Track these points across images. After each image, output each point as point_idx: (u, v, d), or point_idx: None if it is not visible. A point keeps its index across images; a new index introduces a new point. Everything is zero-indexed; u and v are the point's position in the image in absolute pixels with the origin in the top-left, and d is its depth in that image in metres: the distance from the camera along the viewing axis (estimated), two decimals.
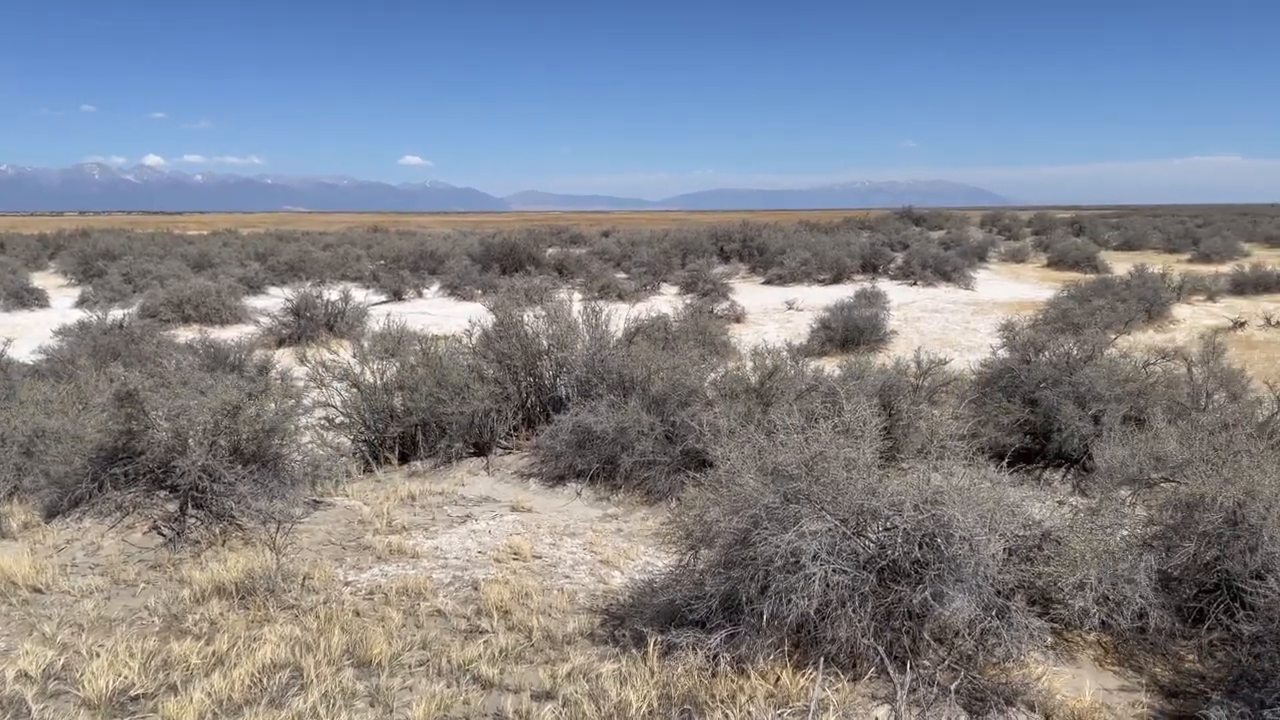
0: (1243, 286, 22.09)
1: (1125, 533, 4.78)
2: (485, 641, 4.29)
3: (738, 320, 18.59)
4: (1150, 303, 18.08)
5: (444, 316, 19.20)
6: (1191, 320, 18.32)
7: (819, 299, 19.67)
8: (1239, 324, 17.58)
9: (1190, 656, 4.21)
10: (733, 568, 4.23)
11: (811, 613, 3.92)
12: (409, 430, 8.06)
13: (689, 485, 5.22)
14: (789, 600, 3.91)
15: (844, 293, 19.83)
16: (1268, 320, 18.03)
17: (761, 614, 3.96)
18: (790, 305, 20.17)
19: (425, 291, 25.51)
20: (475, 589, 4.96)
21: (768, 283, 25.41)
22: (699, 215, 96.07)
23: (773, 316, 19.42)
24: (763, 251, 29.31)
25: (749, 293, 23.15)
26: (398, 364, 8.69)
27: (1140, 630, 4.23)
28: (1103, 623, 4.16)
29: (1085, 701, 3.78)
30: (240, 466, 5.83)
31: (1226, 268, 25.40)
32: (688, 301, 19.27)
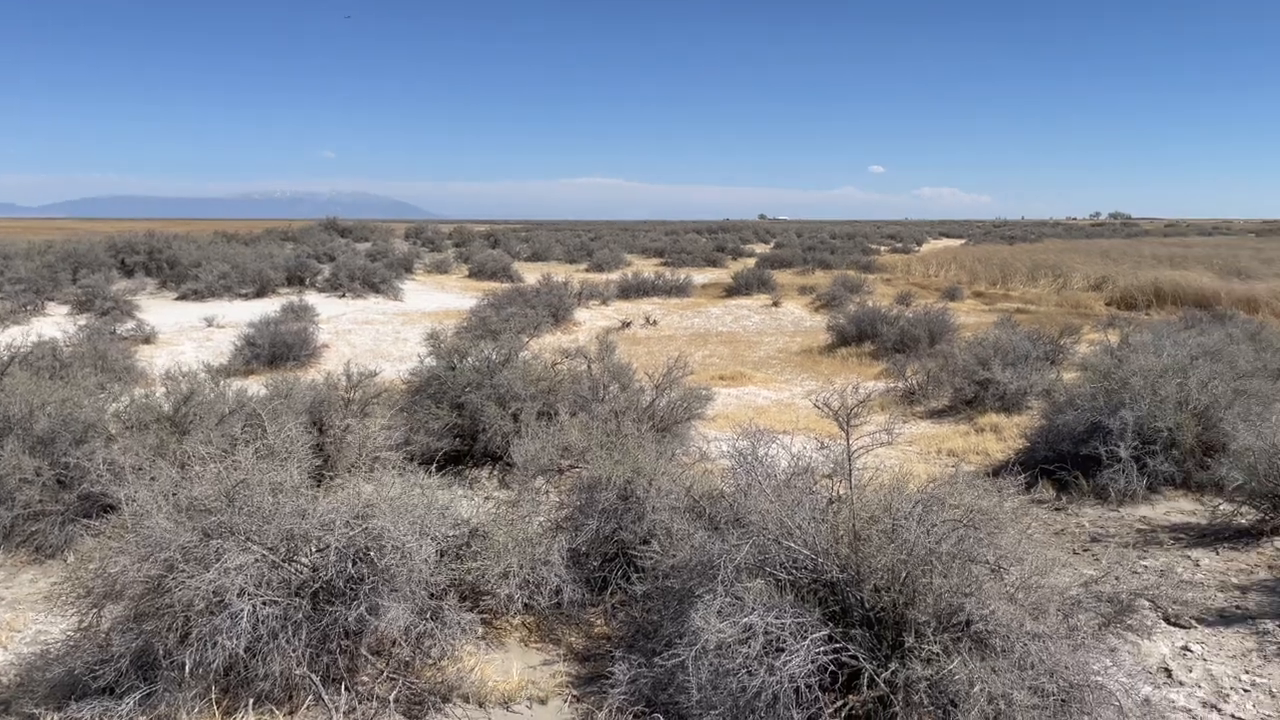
0: (628, 291, 25.78)
1: (541, 519, 5.26)
2: None
3: (147, 341, 16.71)
4: (556, 308, 20.22)
5: None
6: (590, 322, 20.88)
7: (242, 314, 18.53)
8: (626, 324, 20.50)
9: (599, 622, 4.77)
10: (146, 620, 3.77)
11: (241, 651, 3.66)
12: None
13: (87, 535, 4.54)
14: (215, 644, 3.60)
15: (270, 307, 18.95)
16: (647, 319, 21.29)
17: (183, 665, 3.59)
18: (210, 322, 18.70)
19: None
20: None
21: (182, 298, 23.25)
22: (94, 224, 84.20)
23: (190, 335, 17.83)
24: (174, 264, 26.72)
25: (160, 310, 20.96)
26: None
27: (557, 606, 4.68)
28: (526, 605, 4.53)
29: (514, 682, 4.08)
30: None
31: (615, 276, 29.43)
32: (82, 323, 16.82)
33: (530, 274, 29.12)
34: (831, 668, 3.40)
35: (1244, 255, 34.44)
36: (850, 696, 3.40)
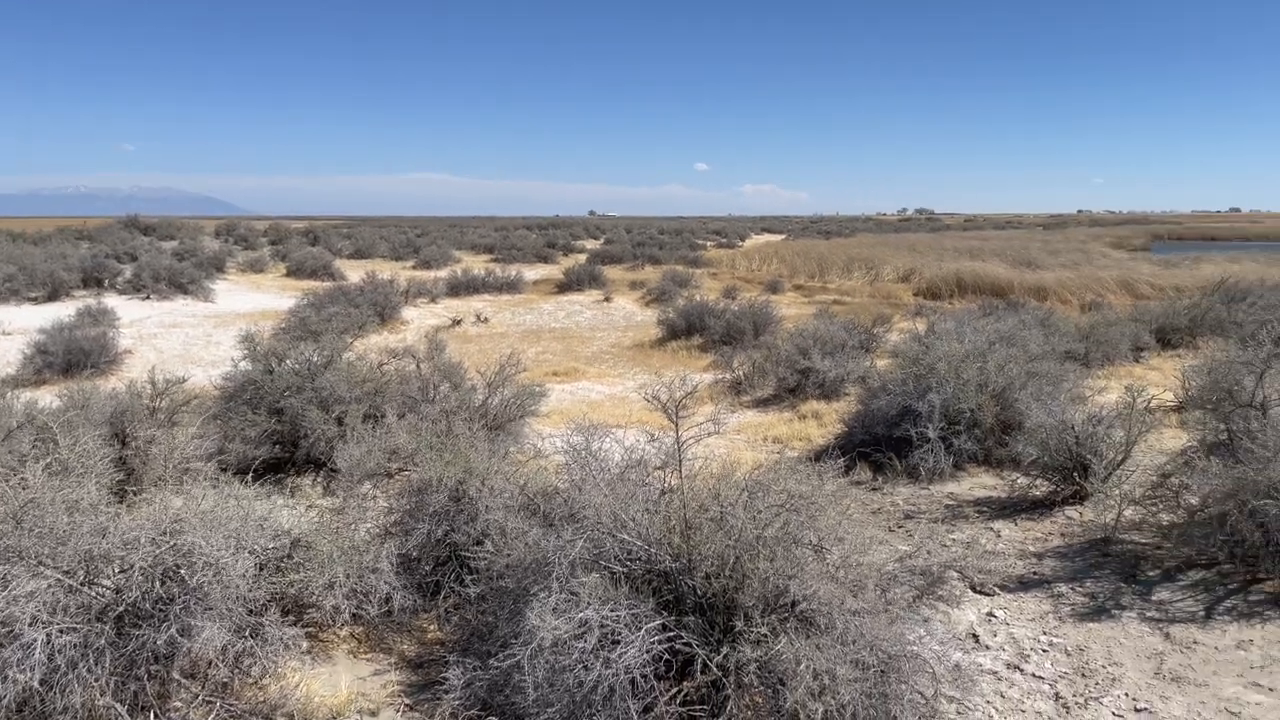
0: (457, 289, 25.32)
1: (369, 525, 5.09)
2: None
3: None
4: (382, 307, 19.61)
5: None
6: (419, 321, 20.39)
7: (32, 320, 17.02)
8: (456, 322, 20.14)
9: (432, 627, 4.66)
10: None
11: (36, 685, 3.36)
12: None
13: None
14: (5, 678, 3.29)
15: (64, 311, 17.49)
16: (478, 317, 20.99)
17: None
18: None
19: None
20: None
21: None
22: None
23: None
24: None
25: None
26: None
27: (388, 614, 4.53)
28: (354, 615, 4.36)
29: (342, 696, 3.92)
30: None
31: (444, 273, 28.85)
32: None
33: (354, 272, 28.11)
34: (666, 656, 3.45)
35: (1034, 248, 37.44)
36: (685, 683, 3.46)
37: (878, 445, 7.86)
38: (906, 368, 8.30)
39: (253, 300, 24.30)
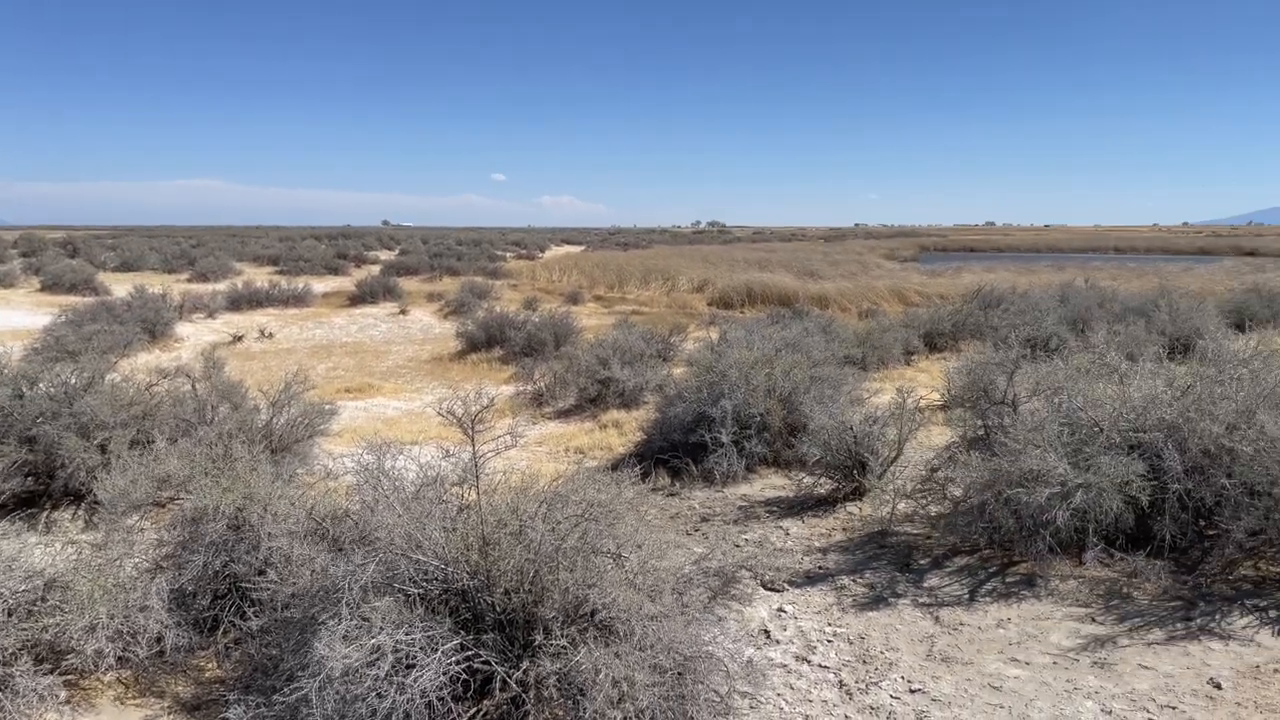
0: (239, 303, 23.87)
1: (137, 560, 4.69)
2: None
3: None
4: (153, 323, 18.20)
5: None
6: (195, 338, 19.07)
7: None
8: (238, 338, 18.98)
9: (211, 665, 4.34)
10: None
11: None
12: None
13: None
14: None
15: None
16: (262, 332, 19.88)
17: None
18: None
19: None
20: None
21: None
22: None
23: None
24: None
25: None
26: None
27: (160, 654, 4.19)
28: (120, 658, 4.00)
29: None
30: None
31: (223, 286, 27.12)
32: None
33: (120, 286, 25.92)
34: (464, 676, 3.37)
35: (816, 259, 39.69)
36: (484, 702, 3.39)
37: (675, 451, 8.06)
38: (701, 375, 8.56)
39: (2, 318, 21.94)
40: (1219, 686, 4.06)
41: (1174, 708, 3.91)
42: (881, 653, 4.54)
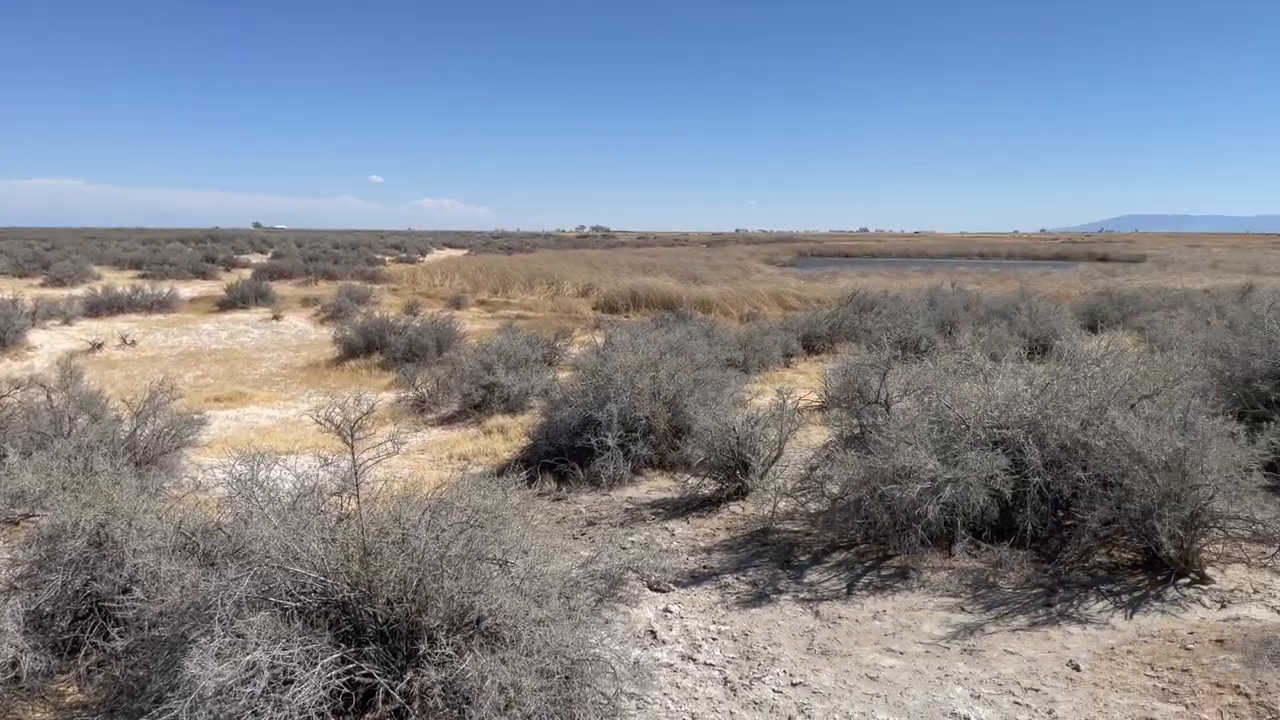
0: (98, 309, 22.62)
1: None
2: None
3: None
4: (2, 330, 17.07)
5: None
6: (50, 345, 17.98)
7: None
8: (97, 345, 17.99)
9: (72, 689, 4.10)
10: None
11: None
12: None
13: None
14: None
15: None
16: (124, 339, 18.89)
17: None
18: None
19: None
20: None
21: None
22: None
23: None
24: None
25: None
26: None
27: (15, 680, 3.94)
28: None
29: None
30: None
31: (80, 290, 25.65)
32: None
33: None
34: (345, 690, 3.29)
35: (699, 264, 40.29)
36: (367, 715, 3.32)
37: (562, 456, 8.05)
38: (587, 379, 8.58)
39: None
40: (1078, 668, 4.31)
41: (1037, 690, 4.13)
42: (764, 648, 4.65)
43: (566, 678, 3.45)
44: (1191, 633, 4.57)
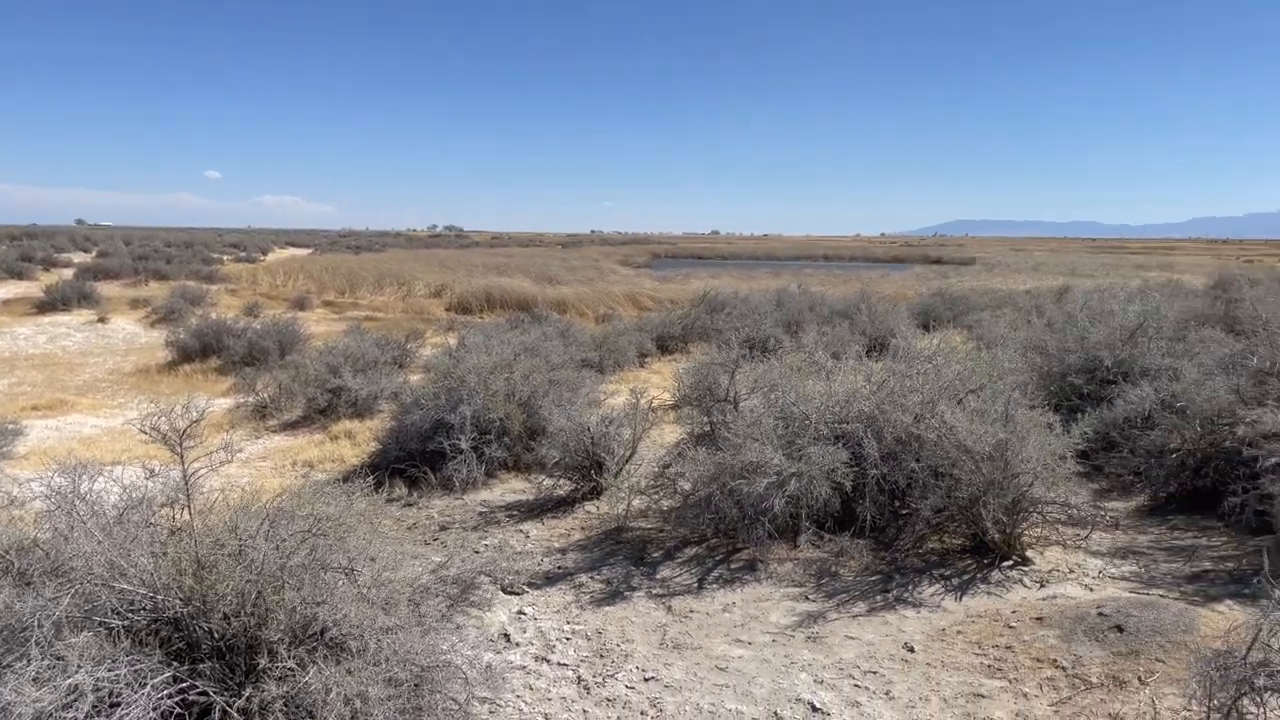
0: None
1: None
2: None
3: None
4: None
5: None
6: None
7: None
8: None
9: None
10: None
11: None
12: None
13: None
14: None
15: None
16: None
17: None
18: None
19: None
20: None
21: None
22: None
23: None
24: None
25: None
26: None
27: None
28: None
29: None
30: None
31: None
32: None
33: None
34: (179, 710, 3.13)
35: (554, 265, 40.23)
36: None
37: (413, 460, 7.88)
38: (439, 381, 8.44)
39: None
40: (912, 650, 4.55)
41: (875, 672, 4.34)
42: (618, 645, 4.69)
43: (416, 685, 3.39)
44: (1014, 612, 4.90)
